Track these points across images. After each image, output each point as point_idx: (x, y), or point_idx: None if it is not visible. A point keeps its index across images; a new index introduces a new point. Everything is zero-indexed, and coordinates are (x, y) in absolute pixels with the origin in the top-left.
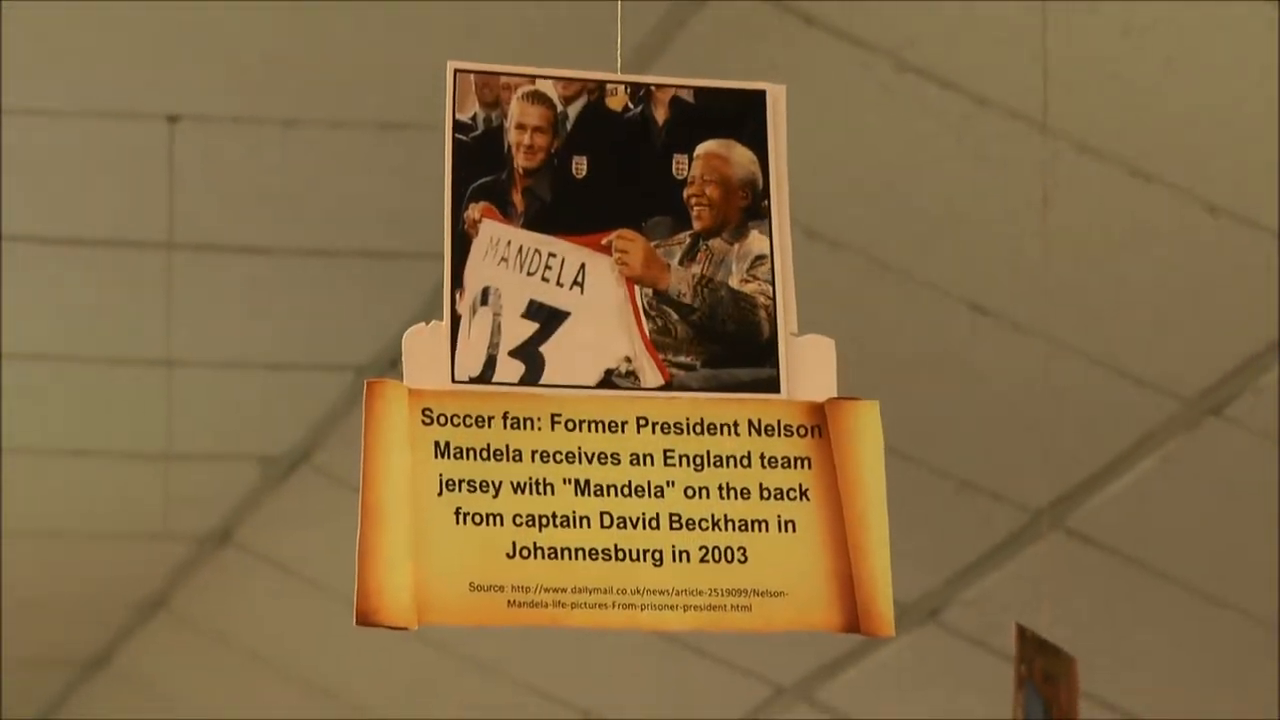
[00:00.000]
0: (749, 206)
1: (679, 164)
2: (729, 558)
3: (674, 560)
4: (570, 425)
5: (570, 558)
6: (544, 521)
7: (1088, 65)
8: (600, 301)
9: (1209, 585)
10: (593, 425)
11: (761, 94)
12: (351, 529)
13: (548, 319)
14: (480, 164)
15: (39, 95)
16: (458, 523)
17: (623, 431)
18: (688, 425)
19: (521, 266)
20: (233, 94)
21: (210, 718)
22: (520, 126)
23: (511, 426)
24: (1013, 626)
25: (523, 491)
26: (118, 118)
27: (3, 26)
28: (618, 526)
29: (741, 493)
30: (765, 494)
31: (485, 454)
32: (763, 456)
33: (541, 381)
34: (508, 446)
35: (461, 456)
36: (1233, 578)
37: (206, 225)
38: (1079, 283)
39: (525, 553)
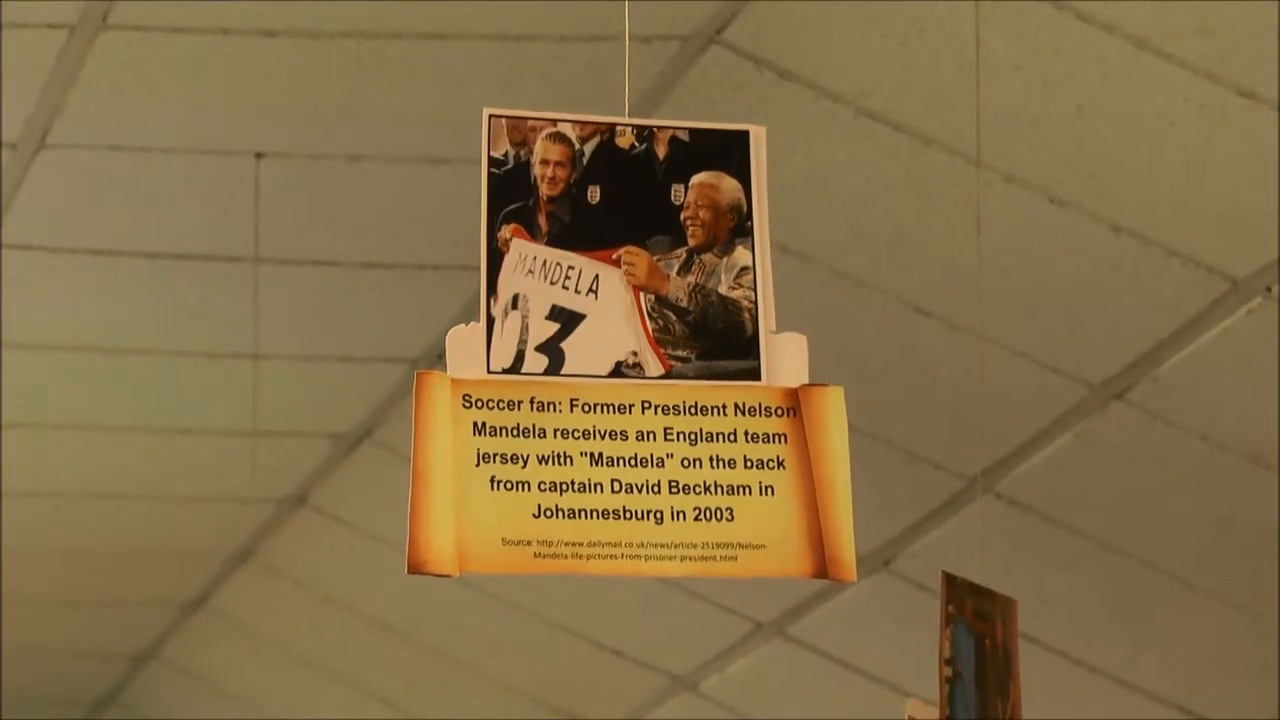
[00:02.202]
0: (735, 226)
1: (676, 192)
2: (718, 517)
3: (672, 519)
4: (586, 408)
5: (586, 517)
6: (564, 487)
7: (1013, 112)
8: (611, 306)
9: (1113, 539)
10: (605, 408)
11: (745, 134)
12: (405, 494)
13: (567, 320)
14: (511, 192)
15: (151, 136)
16: (492, 489)
17: (630, 413)
18: (684, 407)
19: (545, 277)
20: (309, 135)
21: (289, 648)
22: (544, 161)
23: (537, 409)
24: (941, 575)
25: (546, 463)
26: (214, 154)
27: (122, 81)
28: (625, 491)
29: (728, 463)
30: (748, 464)
31: (515, 432)
32: (746, 433)
33: (562, 372)
34: (534, 425)
35: (495, 434)
36: (1132, 533)
37: (287, 243)
38: (1006, 290)
39: (548, 513)
